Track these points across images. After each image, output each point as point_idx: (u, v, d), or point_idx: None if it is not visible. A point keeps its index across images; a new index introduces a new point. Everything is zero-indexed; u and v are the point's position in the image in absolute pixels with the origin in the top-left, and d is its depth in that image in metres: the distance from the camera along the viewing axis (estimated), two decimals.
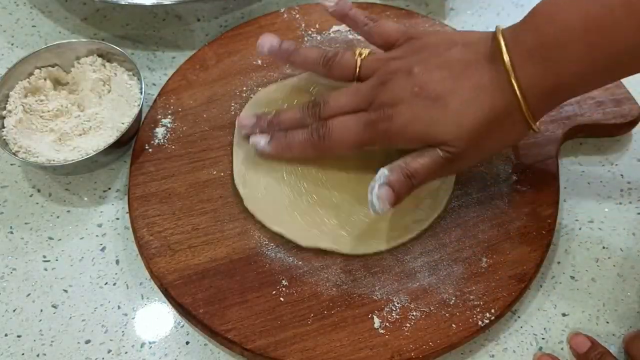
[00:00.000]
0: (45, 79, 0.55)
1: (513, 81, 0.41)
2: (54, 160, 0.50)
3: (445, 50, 0.44)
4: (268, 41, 0.50)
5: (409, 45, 0.47)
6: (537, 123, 0.43)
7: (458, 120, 0.42)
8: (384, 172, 0.43)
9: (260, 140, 0.49)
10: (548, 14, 0.41)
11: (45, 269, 0.49)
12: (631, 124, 0.54)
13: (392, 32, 0.49)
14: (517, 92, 0.41)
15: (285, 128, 0.49)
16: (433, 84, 0.43)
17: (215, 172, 0.51)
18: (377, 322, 0.44)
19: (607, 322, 0.47)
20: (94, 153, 0.50)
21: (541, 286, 0.48)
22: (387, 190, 0.43)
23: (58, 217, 0.52)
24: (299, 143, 0.48)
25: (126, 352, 0.45)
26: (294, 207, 0.49)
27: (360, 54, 0.48)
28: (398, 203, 0.43)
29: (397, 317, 0.45)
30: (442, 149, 0.43)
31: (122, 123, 0.53)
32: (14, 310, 0.47)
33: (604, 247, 0.50)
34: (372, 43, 0.50)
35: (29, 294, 0.48)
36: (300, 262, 0.47)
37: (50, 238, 0.51)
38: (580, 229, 0.51)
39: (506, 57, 0.41)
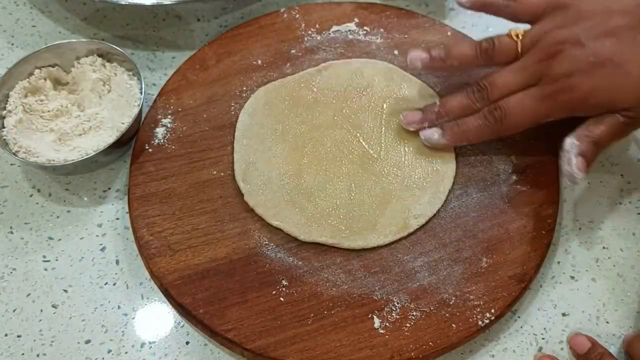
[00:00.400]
0: (45, 79, 0.55)
1: None
2: (54, 160, 0.50)
3: (606, 18, 0.45)
4: (417, 56, 0.51)
5: (561, 13, 0.47)
6: None
7: (639, 86, 0.43)
8: (573, 142, 0.45)
9: (434, 134, 0.49)
10: None
11: (45, 269, 0.49)
12: None
13: (536, 4, 0.49)
14: None
15: (455, 117, 0.49)
16: (607, 52, 0.44)
17: (215, 172, 0.52)
18: (377, 322, 0.44)
19: (607, 322, 0.47)
20: (94, 153, 0.50)
21: (541, 286, 0.48)
22: (581, 160, 0.44)
23: (58, 217, 0.52)
24: (475, 129, 0.48)
25: (126, 352, 0.45)
26: (293, 202, 0.49)
27: (517, 35, 0.48)
28: (588, 170, 0.45)
29: (397, 317, 0.45)
30: (624, 114, 0.44)
31: (122, 123, 0.53)
32: (14, 310, 0.47)
33: (604, 247, 0.50)
34: (520, 21, 0.50)
35: (29, 294, 0.48)
36: (300, 262, 0.47)
37: (50, 238, 0.51)
38: (580, 229, 0.51)
39: None
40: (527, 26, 0.50)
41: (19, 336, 0.46)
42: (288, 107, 0.54)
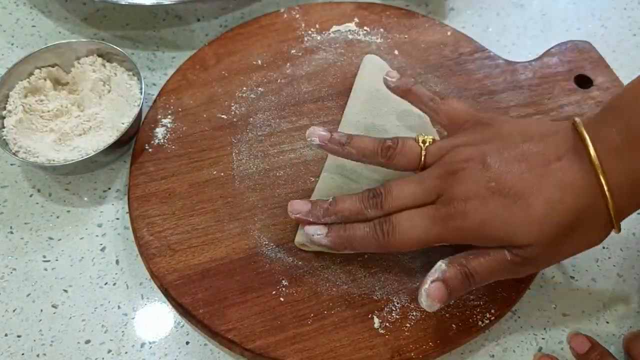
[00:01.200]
0: (45, 79, 0.55)
1: (602, 179, 0.37)
2: (54, 160, 0.50)
3: (521, 141, 0.41)
4: (317, 133, 0.46)
5: (478, 130, 0.44)
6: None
7: (540, 224, 0.38)
8: (441, 265, 0.40)
9: (317, 232, 0.45)
10: (632, 107, 0.38)
11: (45, 269, 0.49)
12: None
13: (461, 112, 0.46)
14: (606, 191, 0.37)
15: (343, 219, 0.45)
16: (511, 179, 0.40)
17: (215, 172, 0.52)
18: (377, 322, 0.44)
19: (607, 322, 0.47)
20: (94, 153, 0.50)
21: (541, 286, 0.48)
22: (439, 288, 0.39)
23: (58, 217, 0.52)
24: (360, 238, 0.43)
25: (126, 352, 0.45)
26: None
27: (423, 142, 0.45)
28: (451, 300, 0.41)
29: (397, 317, 0.45)
30: (514, 252, 0.40)
31: (122, 123, 0.53)
32: (14, 310, 0.47)
33: (604, 247, 0.50)
34: (437, 121, 0.48)
35: (29, 294, 0.48)
36: (300, 262, 0.47)
37: (50, 238, 0.51)
38: None
39: (593, 154, 0.38)
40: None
41: (19, 336, 0.46)
42: None
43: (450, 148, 0.44)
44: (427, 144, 0.45)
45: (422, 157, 0.44)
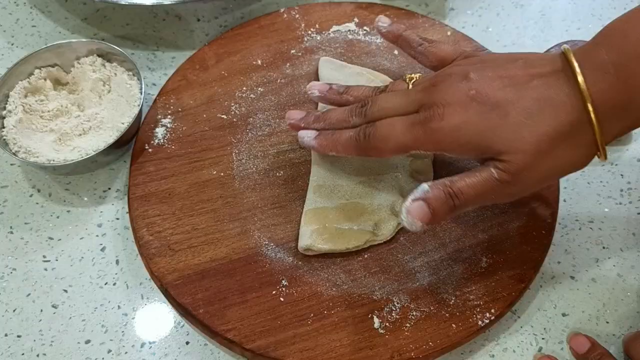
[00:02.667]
0: (45, 79, 0.55)
1: (585, 93, 0.38)
2: (54, 160, 0.50)
3: (505, 62, 0.42)
4: (316, 86, 0.50)
5: (465, 61, 0.45)
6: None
7: (518, 131, 0.39)
8: (424, 187, 0.40)
9: (306, 135, 0.48)
10: (621, 30, 0.38)
11: (45, 269, 0.49)
12: None
13: (448, 52, 0.47)
14: (589, 106, 0.38)
15: (331, 125, 0.47)
16: (492, 90, 0.40)
17: (215, 172, 0.52)
18: (377, 322, 0.44)
19: (607, 322, 0.47)
20: (94, 153, 0.50)
21: (541, 286, 0.48)
22: (420, 206, 0.40)
23: (58, 217, 0.52)
24: (344, 141, 0.45)
25: (126, 352, 0.45)
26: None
27: (410, 79, 0.46)
28: (436, 223, 0.41)
29: (397, 317, 0.45)
30: (497, 166, 0.39)
31: (122, 123, 0.53)
32: (14, 310, 0.47)
33: (604, 247, 0.50)
34: (426, 64, 0.49)
35: (29, 294, 0.48)
36: (300, 262, 0.47)
37: (50, 238, 0.51)
38: (580, 229, 0.51)
39: (577, 69, 0.38)
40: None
41: (19, 336, 0.46)
42: None
43: (437, 73, 0.45)
44: (414, 79, 0.46)
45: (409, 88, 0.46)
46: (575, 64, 0.39)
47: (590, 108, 0.38)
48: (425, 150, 0.43)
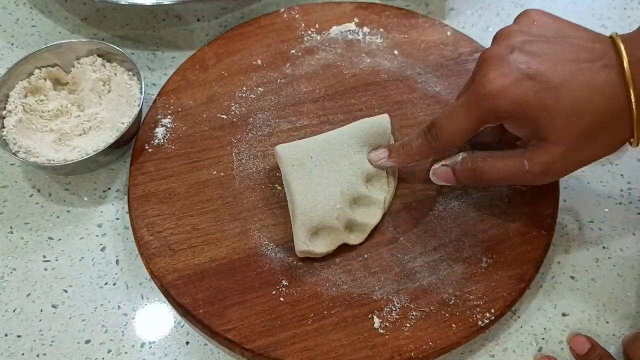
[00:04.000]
0: (45, 79, 0.55)
1: (630, 83, 0.39)
2: (54, 160, 0.50)
3: (556, 36, 0.43)
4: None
5: (518, 23, 0.45)
6: None
7: (567, 120, 0.40)
8: (457, 156, 0.45)
9: (381, 156, 0.49)
10: None
11: (45, 269, 0.49)
12: None
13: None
14: (632, 96, 0.39)
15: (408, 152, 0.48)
16: (544, 66, 0.41)
17: (215, 172, 0.52)
18: (377, 322, 0.44)
19: (607, 322, 0.47)
20: (94, 153, 0.50)
21: (541, 286, 0.48)
22: (445, 171, 0.46)
23: (58, 217, 0.52)
24: (417, 148, 0.47)
25: (126, 352, 0.45)
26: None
27: None
28: (459, 184, 0.47)
29: (397, 317, 0.45)
30: (533, 157, 0.42)
31: (122, 123, 0.53)
32: (14, 310, 0.47)
33: (604, 247, 0.50)
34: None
35: (29, 294, 0.48)
36: (300, 262, 0.47)
37: (50, 238, 0.51)
38: (580, 229, 0.51)
39: (626, 64, 0.39)
40: None
41: (19, 336, 0.46)
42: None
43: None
44: None
45: None
46: (625, 57, 0.40)
47: (632, 98, 0.39)
48: (492, 124, 0.43)
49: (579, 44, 0.42)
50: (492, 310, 0.45)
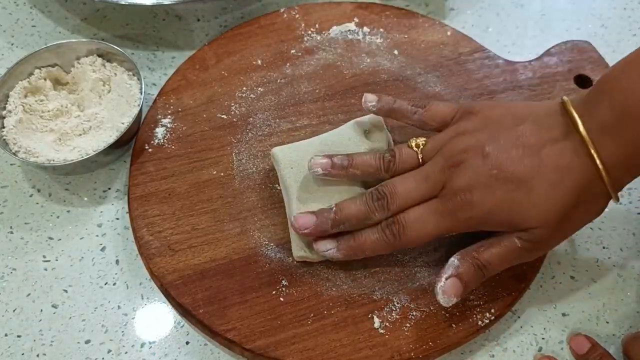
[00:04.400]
0: (45, 79, 0.55)
1: (595, 158, 0.39)
2: (54, 160, 0.50)
3: (513, 125, 0.42)
4: (319, 163, 0.45)
5: (469, 119, 0.45)
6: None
7: (545, 206, 0.40)
8: (453, 261, 0.42)
9: (327, 247, 0.45)
10: (620, 88, 0.39)
11: (45, 269, 0.49)
12: None
13: (446, 112, 0.47)
14: (601, 169, 0.39)
15: (352, 226, 0.45)
16: (512, 164, 0.41)
17: (215, 172, 0.52)
18: (377, 322, 0.44)
19: (607, 322, 0.47)
20: (94, 153, 0.50)
21: (541, 286, 0.48)
22: (454, 283, 0.41)
23: (58, 217, 0.52)
24: (372, 244, 0.44)
25: (126, 352, 0.45)
26: None
27: (417, 145, 0.46)
28: (467, 293, 0.43)
29: (397, 317, 0.45)
30: (523, 237, 0.41)
31: (122, 123, 0.53)
32: (14, 310, 0.47)
33: (604, 247, 0.50)
34: (427, 129, 0.48)
35: (29, 294, 0.48)
36: (300, 262, 0.47)
37: (50, 238, 0.51)
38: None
39: (584, 133, 0.39)
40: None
41: (19, 336, 0.46)
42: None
43: (447, 140, 0.45)
44: (421, 146, 0.46)
45: (420, 159, 0.46)
46: (581, 127, 0.39)
47: (601, 168, 0.39)
48: (461, 231, 0.44)
49: (537, 123, 0.42)
50: (492, 310, 0.45)
